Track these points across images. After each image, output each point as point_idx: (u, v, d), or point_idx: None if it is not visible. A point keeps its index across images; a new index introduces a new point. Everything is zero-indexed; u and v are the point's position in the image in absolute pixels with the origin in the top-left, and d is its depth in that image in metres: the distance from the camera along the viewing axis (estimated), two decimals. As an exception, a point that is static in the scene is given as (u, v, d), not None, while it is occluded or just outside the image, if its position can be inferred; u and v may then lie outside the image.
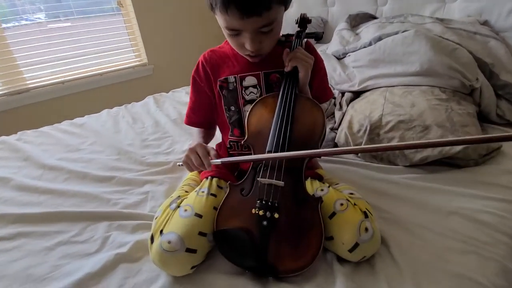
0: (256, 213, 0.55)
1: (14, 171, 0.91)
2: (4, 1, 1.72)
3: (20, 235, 0.66)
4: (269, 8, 0.56)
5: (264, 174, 0.59)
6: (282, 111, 0.63)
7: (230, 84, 0.74)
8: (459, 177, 0.78)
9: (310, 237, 0.54)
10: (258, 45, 0.62)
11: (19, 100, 1.75)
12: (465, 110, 0.84)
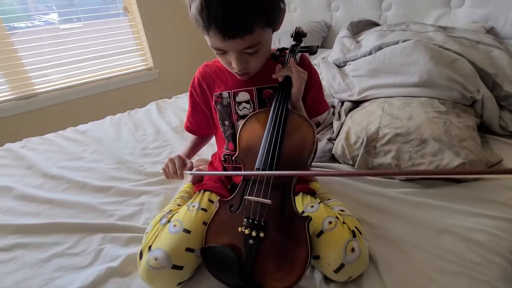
0: (242, 231, 0.55)
1: (16, 179, 0.94)
2: (16, 2, 1.76)
3: (17, 246, 0.68)
4: (251, 31, 0.56)
5: (252, 191, 0.59)
6: (272, 128, 0.62)
7: (224, 100, 0.74)
8: (455, 192, 0.76)
9: (297, 256, 0.54)
10: (245, 65, 0.62)
11: (27, 105, 1.81)
12: (464, 123, 0.82)
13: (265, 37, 0.61)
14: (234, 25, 0.54)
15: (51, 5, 1.92)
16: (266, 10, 0.57)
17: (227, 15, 0.53)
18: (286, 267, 0.54)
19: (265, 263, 0.55)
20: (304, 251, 0.53)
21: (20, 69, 1.78)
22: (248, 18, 0.54)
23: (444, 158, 0.76)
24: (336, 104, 1.13)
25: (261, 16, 0.56)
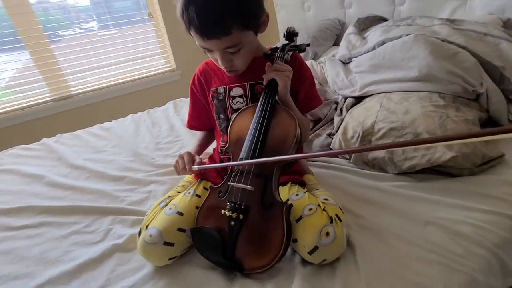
0: (225, 214, 0.60)
1: (48, 169, 1.07)
2: (61, 13, 1.97)
3: (43, 224, 0.80)
4: (228, 33, 0.61)
5: (236, 179, 0.64)
6: (257, 121, 0.67)
7: (220, 94, 0.80)
8: (449, 186, 0.76)
9: (273, 238, 0.58)
10: (229, 63, 0.68)
11: (63, 105, 2.01)
12: (463, 117, 0.81)
13: (246, 38, 0.66)
14: (210, 27, 0.60)
15: (91, 14, 2.13)
16: (243, 14, 0.62)
17: (203, 18, 0.59)
18: (263, 248, 0.58)
19: (246, 244, 0.59)
20: (280, 234, 0.57)
21: (58, 73, 1.98)
22: (223, 21, 0.60)
23: (437, 152, 0.75)
24: (339, 100, 1.14)
25: (237, 19, 0.61)
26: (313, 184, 0.79)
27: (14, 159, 1.17)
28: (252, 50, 0.73)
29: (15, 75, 1.89)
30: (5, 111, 1.83)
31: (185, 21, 0.61)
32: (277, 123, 0.68)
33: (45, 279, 0.63)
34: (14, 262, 0.69)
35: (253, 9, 0.65)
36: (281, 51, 0.77)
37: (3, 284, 0.63)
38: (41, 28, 1.84)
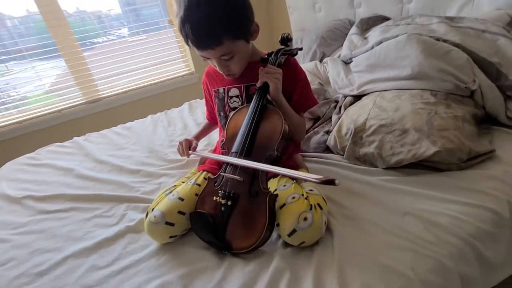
0: (216, 200, 0.69)
1: (77, 163, 1.23)
2: (97, 22, 2.18)
3: (71, 209, 0.93)
4: (220, 44, 0.70)
5: (228, 170, 0.72)
6: (248, 119, 0.75)
7: (220, 94, 0.90)
8: (435, 180, 0.78)
9: (257, 223, 0.65)
10: (226, 68, 0.77)
11: (93, 108, 2.21)
12: (452, 113, 0.83)
13: (237, 47, 0.75)
14: (204, 41, 0.69)
15: (122, 21, 2.32)
16: (231, 27, 0.71)
17: (198, 33, 0.69)
18: (249, 231, 0.66)
19: (234, 227, 0.68)
20: (263, 219, 0.65)
21: (89, 78, 2.19)
22: (215, 35, 0.69)
23: (422, 147, 0.78)
24: (340, 99, 1.18)
25: (227, 32, 0.70)
26: (304, 177, 0.85)
27: (50, 155, 1.35)
28: (246, 56, 0.81)
29: (55, 80, 2.12)
30: (45, 113, 2.06)
31: (183, 35, 0.71)
32: (267, 122, 0.75)
33: (70, 252, 0.75)
34: (47, 239, 0.82)
35: (240, 23, 0.73)
36: (275, 56, 0.85)
37: (39, 255, 0.76)
38: (74, 38, 2.04)
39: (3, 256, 0.77)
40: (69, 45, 2.04)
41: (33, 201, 0.99)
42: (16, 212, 0.95)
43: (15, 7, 1.82)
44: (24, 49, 1.91)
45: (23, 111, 2.03)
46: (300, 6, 2.08)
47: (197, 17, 0.69)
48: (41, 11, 1.87)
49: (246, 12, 0.75)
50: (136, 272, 0.67)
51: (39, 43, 1.94)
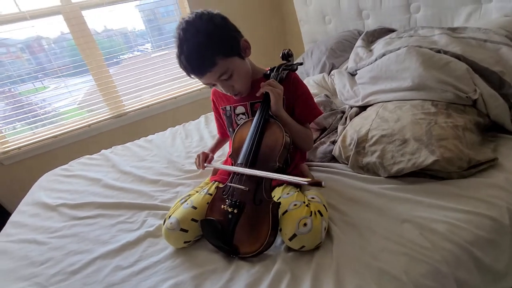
0: (224, 209, 0.76)
1: (104, 174, 1.35)
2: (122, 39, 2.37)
3: (99, 216, 1.04)
4: (215, 64, 0.78)
5: (235, 180, 0.80)
6: (252, 133, 0.82)
7: (227, 112, 0.98)
8: (435, 189, 0.81)
9: (261, 230, 0.71)
10: (231, 88, 0.85)
11: (119, 122, 2.38)
12: (452, 123, 0.85)
13: (232, 64, 0.82)
14: (199, 66, 0.78)
15: (146, 37, 2.51)
16: (219, 46, 0.79)
17: (192, 61, 0.78)
18: (254, 237, 0.72)
19: (241, 233, 0.74)
20: (266, 226, 0.71)
21: (115, 94, 2.37)
22: (207, 58, 0.78)
23: (421, 156, 0.81)
24: (346, 110, 1.23)
25: (217, 51, 0.78)
26: (308, 186, 0.90)
27: (81, 167, 1.49)
28: (245, 73, 0.88)
29: (85, 98, 2.32)
30: (77, 128, 2.26)
31: (183, 69, 0.82)
32: (269, 134, 0.82)
33: (98, 254, 0.85)
34: (79, 242, 0.93)
35: (227, 40, 0.81)
36: (276, 71, 0.92)
37: (73, 256, 0.87)
38: (101, 55, 2.23)
39: (43, 256, 0.88)
40: (96, 62, 2.22)
41: (67, 208, 1.11)
42: (53, 218, 1.07)
43: (50, 29, 2.04)
44: (58, 67, 2.12)
45: (58, 126, 2.23)
46: (310, 19, 2.15)
47: (188, 48, 0.78)
48: (71, 30, 2.08)
49: (230, 31, 0.83)
50: (154, 272, 0.76)
51: (70, 59, 2.14)
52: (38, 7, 1.96)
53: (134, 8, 2.30)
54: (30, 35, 2.01)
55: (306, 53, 1.97)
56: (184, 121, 1.94)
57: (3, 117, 2.06)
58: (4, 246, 0.97)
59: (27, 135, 2.15)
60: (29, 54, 2.09)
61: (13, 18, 1.92)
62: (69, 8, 2.04)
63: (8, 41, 2.02)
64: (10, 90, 2.06)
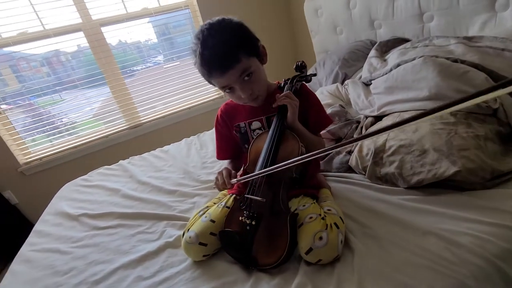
0: (242, 220, 0.77)
1: (123, 184, 1.39)
2: (136, 51, 2.46)
3: (119, 226, 1.06)
4: (238, 60, 0.79)
5: (252, 192, 0.80)
6: (268, 144, 0.83)
7: (242, 129, 0.99)
8: (458, 200, 0.79)
9: (279, 241, 0.71)
10: (250, 92, 0.85)
11: (135, 132, 2.45)
12: (473, 133, 0.84)
13: (253, 63, 0.83)
14: (223, 62, 0.79)
15: (158, 49, 2.59)
16: (242, 44, 0.81)
17: (216, 56, 0.79)
18: (272, 248, 0.72)
19: (259, 244, 0.74)
20: (285, 238, 0.71)
21: (131, 106, 2.44)
22: (232, 53, 0.79)
23: (441, 167, 0.80)
24: (361, 120, 1.23)
25: (240, 48, 0.80)
26: (325, 197, 0.90)
27: (100, 177, 1.53)
28: (263, 77, 0.89)
29: (100, 110, 2.40)
30: (96, 138, 2.33)
31: (204, 67, 0.81)
32: (285, 145, 0.83)
33: (119, 264, 0.87)
34: (100, 252, 0.95)
35: (250, 40, 0.84)
36: (290, 83, 0.93)
37: (95, 266, 0.89)
38: (118, 67, 2.32)
39: (66, 266, 0.90)
40: (114, 75, 2.31)
41: (88, 218, 1.15)
42: (75, 228, 1.10)
43: (68, 44, 2.14)
44: (76, 79, 2.21)
45: (77, 137, 2.31)
46: (321, 30, 2.17)
47: (213, 43, 0.79)
48: (91, 46, 2.17)
49: (251, 33, 0.86)
50: (175, 283, 0.76)
51: (88, 73, 2.23)
52: (61, 25, 2.07)
53: (147, 23, 2.39)
54: (49, 49, 2.12)
55: (318, 63, 1.98)
56: (199, 131, 1.98)
57: (25, 129, 2.15)
58: (30, 255, 1.00)
59: (47, 146, 2.24)
60: (48, 68, 2.20)
61: (38, 36, 2.02)
62: (90, 25, 2.14)
63: (30, 56, 2.12)
64: (31, 103, 2.16)
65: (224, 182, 0.89)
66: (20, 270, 0.94)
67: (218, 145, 1.09)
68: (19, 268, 0.95)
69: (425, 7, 1.46)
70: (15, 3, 1.90)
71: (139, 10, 2.30)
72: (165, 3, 2.37)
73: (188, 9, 2.46)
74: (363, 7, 1.77)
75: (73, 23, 2.10)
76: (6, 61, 2.03)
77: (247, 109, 0.96)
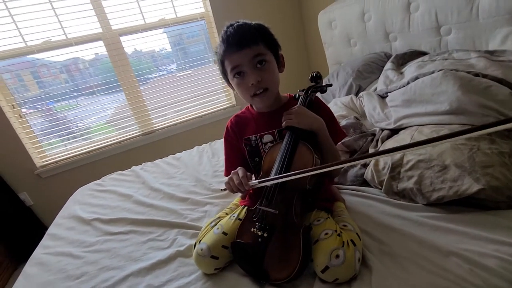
0: (254, 232, 0.75)
1: (135, 190, 1.39)
2: (150, 60, 2.52)
3: (130, 232, 1.06)
4: (256, 43, 0.82)
5: (264, 204, 0.79)
6: (281, 155, 0.82)
7: (253, 142, 0.97)
8: (481, 219, 0.76)
9: (292, 255, 0.69)
10: (259, 78, 0.83)
11: (148, 139, 2.48)
12: (497, 149, 0.81)
13: (269, 56, 0.85)
14: (243, 39, 0.82)
15: (171, 58, 2.65)
16: (265, 35, 0.85)
17: (238, 34, 0.82)
18: (284, 262, 0.69)
19: (271, 258, 0.72)
20: (297, 252, 0.68)
21: (145, 113, 2.49)
22: (252, 35, 0.82)
23: (464, 184, 0.77)
24: (376, 133, 1.20)
25: (261, 37, 0.84)
26: (340, 211, 0.88)
27: (113, 182, 1.55)
28: (276, 73, 0.89)
29: (113, 116, 2.45)
30: (109, 144, 2.37)
31: (224, 41, 0.84)
32: (298, 156, 0.81)
33: (130, 271, 0.86)
34: (111, 258, 0.95)
35: (270, 37, 0.87)
36: (305, 93, 0.93)
37: (106, 271, 0.88)
38: (134, 75, 2.38)
39: (78, 270, 0.91)
40: (130, 82, 2.36)
41: (100, 223, 1.15)
42: (87, 232, 1.11)
43: (87, 52, 2.22)
44: (94, 86, 2.27)
45: (91, 142, 2.36)
46: (335, 42, 2.18)
47: (238, 26, 0.84)
48: (109, 54, 2.24)
49: (274, 36, 0.89)
50: (185, 293, 0.75)
51: (104, 80, 2.29)
52: (83, 34, 2.14)
53: (162, 33, 2.46)
54: (68, 57, 2.20)
55: (332, 74, 1.98)
56: (210, 139, 1.99)
57: (43, 133, 2.21)
58: (43, 258, 1.01)
59: (63, 150, 2.29)
60: (67, 75, 2.27)
61: (61, 44, 2.10)
62: (109, 35, 2.21)
63: (50, 64, 2.20)
64: (49, 108, 2.23)
65: (241, 183, 0.81)
66: (33, 273, 0.94)
67: (227, 160, 1.02)
68: (32, 271, 0.95)
69: (442, 21, 1.44)
70: (41, 13, 1.99)
71: (157, 21, 2.37)
72: (182, 15, 2.43)
73: (204, 21, 2.52)
74: (378, 20, 1.76)
75: (94, 32, 2.17)
76: (28, 68, 2.11)
77: (258, 121, 0.95)
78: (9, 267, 1.98)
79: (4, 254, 1.98)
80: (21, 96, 2.11)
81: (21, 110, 2.11)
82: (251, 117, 0.97)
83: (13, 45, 1.99)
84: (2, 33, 1.94)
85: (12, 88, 2.08)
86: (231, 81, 0.90)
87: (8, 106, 2.05)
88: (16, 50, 2.02)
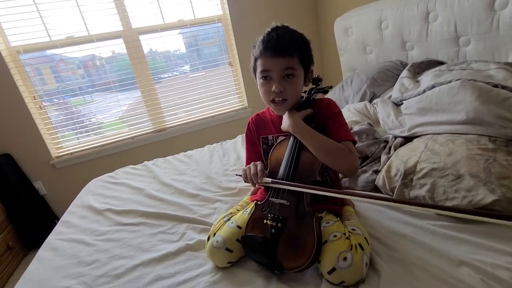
0: (266, 223, 0.76)
1: (146, 184, 1.42)
2: (164, 60, 2.58)
3: (141, 224, 1.09)
4: (292, 55, 0.83)
5: (276, 195, 0.80)
6: (290, 150, 0.84)
7: (269, 141, 0.99)
8: (495, 230, 0.75)
9: (306, 244, 0.70)
10: (282, 88, 0.85)
11: (160, 136, 2.52)
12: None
13: (299, 71, 0.86)
14: (282, 47, 0.83)
15: (185, 59, 2.70)
16: (302, 51, 0.86)
17: (279, 40, 0.83)
18: (299, 251, 0.70)
19: (284, 248, 0.73)
20: (312, 240, 0.69)
21: (158, 111, 2.54)
22: (290, 47, 0.83)
23: (478, 194, 0.77)
24: (389, 140, 1.20)
25: (298, 51, 0.84)
26: (349, 215, 0.88)
27: (125, 175, 1.58)
28: (298, 92, 0.90)
29: (127, 112, 2.50)
30: (122, 139, 2.43)
31: (264, 43, 0.85)
32: (305, 152, 0.83)
33: (140, 261, 0.88)
34: (122, 247, 0.97)
35: (309, 52, 0.88)
36: (308, 94, 0.95)
37: (117, 260, 0.91)
38: (150, 73, 2.43)
39: (90, 257, 0.93)
40: (146, 80, 2.42)
41: (112, 213, 1.18)
42: (100, 222, 1.14)
43: (106, 49, 2.29)
44: (111, 82, 2.33)
45: (105, 136, 2.41)
46: (350, 49, 2.18)
47: (283, 33, 0.85)
48: (128, 52, 2.30)
49: (312, 53, 0.90)
50: (194, 285, 0.76)
51: (119, 77, 2.36)
52: (104, 31, 2.21)
53: (177, 34, 2.51)
54: (87, 54, 2.27)
55: (345, 81, 1.98)
56: (221, 139, 2.01)
57: (60, 125, 2.28)
58: (56, 243, 1.04)
59: (78, 142, 2.35)
60: (83, 71, 2.34)
61: (82, 40, 2.17)
62: (129, 33, 2.28)
63: (68, 59, 2.28)
64: (65, 101, 2.30)
65: (256, 174, 0.85)
66: (47, 257, 0.97)
67: (248, 156, 1.07)
68: (46, 255, 0.98)
69: (461, 31, 1.43)
70: (66, 9, 2.06)
71: (175, 22, 2.42)
72: (200, 16, 2.48)
73: (221, 23, 2.56)
74: (396, 28, 1.76)
75: (115, 30, 2.24)
76: (48, 62, 2.19)
77: (276, 124, 0.97)
78: (20, 253, 2.03)
79: (17, 239, 2.04)
80: (39, 89, 2.18)
81: (41, 102, 2.18)
82: (270, 118, 1.00)
83: (38, 39, 2.07)
84: (28, 27, 2.02)
85: (34, 81, 2.15)
86: (257, 78, 0.93)
87: (30, 97, 2.13)
88: (40, 44, 2.09)
